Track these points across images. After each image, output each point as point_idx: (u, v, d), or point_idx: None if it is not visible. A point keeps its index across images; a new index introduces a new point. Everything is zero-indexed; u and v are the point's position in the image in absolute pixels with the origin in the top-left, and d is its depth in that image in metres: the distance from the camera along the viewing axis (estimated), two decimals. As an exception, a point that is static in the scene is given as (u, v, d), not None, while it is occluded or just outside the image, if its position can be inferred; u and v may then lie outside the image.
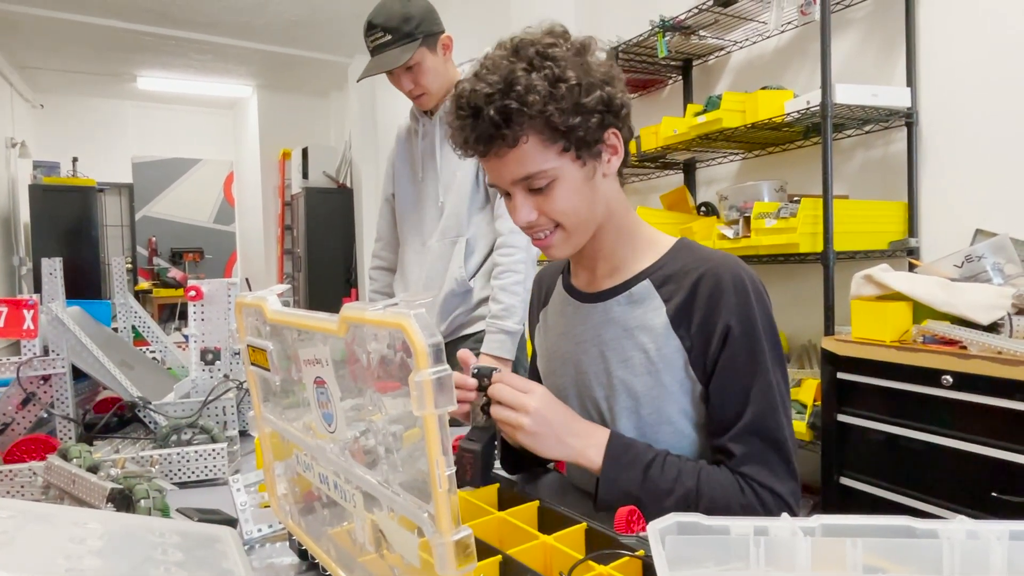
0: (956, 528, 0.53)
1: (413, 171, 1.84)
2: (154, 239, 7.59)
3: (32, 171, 6.32)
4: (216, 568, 0.57)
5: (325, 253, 6.23)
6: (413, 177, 1.84)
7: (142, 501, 0.81)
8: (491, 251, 1.75)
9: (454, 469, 0.45)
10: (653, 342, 0.93)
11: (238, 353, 1.36)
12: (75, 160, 6.61)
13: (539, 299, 1.16)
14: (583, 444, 0.91)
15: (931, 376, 1.53)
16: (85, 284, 5.80)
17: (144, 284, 7.41)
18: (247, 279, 7.03)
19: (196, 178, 7.82)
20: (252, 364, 0.81)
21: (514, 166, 0.89)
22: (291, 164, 6.66)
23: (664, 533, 0.55)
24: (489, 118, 0.85)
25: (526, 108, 0.84)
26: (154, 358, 1.54)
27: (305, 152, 6.31)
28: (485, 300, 1.73)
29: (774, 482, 0.87)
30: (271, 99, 7.04)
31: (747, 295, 0.90)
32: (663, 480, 0.88)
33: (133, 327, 1.49)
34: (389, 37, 1.60)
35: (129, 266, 7.59)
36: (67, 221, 6.23)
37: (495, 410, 0.90)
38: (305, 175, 6.28)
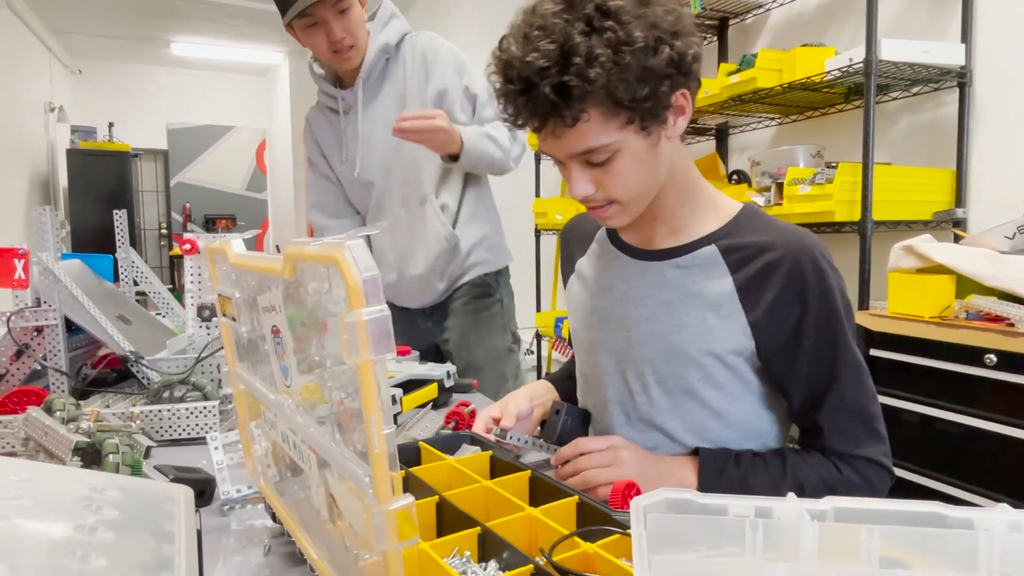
0: (996, 518, 0.45)
1: (343, 152, 1.68)
2: (188, 205, 7.66)
3: (70, 135, 6.42)
4: (154, 528, 0.52)
5: (354, 221, 6.20)
6: (343, 158, 1.67)
7: (110, 456, 0.77)
8: (460, 197, 1.63)
9: (393, 428, 0.39)
10: (713, 311, 0.87)
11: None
12: (111, 125, 6.69)
13: (573, 247, 1.08)
14: (680, 474, 0.89)
15: (973, 355, 1.43)
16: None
17: (178, 250, 7.52)
18: (277, 246, 7.06)
19: (229, 145, 7.83)
20: (223, 315, 0.76)
21: (572, 142, 0.80)
22: (322, 131, 6.60)
23: (649, 510, 0.48)
24: (544, 96, 0.74)
25: (588, 85, 0.73)
26: (158, 314, 1.51)
27: (335, 119, 6.26)
28: (473, 246, 1.64)
29: (863, 449, 0.86)
30: (303, 66, 6.98)
31: (824, 273, 0.85)
32: (759, 487, 0.85)
33: (134, 281, 1.46)
34: None
35: (165, 231, 7.73)
36: (104, 185, 6.32)
37: (587, 475, 0.87)
38: (335, 143, 6.23)
